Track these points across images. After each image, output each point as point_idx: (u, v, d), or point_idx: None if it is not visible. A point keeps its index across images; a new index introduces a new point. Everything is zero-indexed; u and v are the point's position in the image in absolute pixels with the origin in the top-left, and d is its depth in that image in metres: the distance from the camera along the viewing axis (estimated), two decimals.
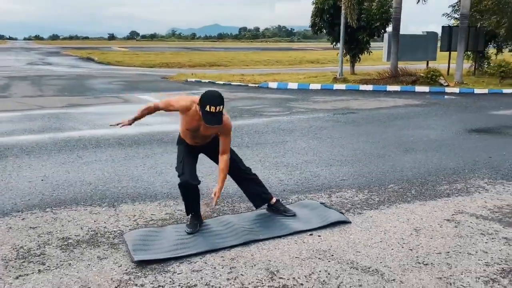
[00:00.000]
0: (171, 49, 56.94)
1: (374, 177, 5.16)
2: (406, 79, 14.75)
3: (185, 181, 3.53)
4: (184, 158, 3.63)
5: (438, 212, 4.07)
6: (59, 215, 4.01)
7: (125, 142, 6.91)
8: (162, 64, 30.70)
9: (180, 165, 3.62)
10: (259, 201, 3.95)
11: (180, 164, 3.62)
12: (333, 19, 20.13)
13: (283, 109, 10.38)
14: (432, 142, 6.97)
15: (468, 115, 9.71)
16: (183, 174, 3.56)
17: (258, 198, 3.93)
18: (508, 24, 16.76)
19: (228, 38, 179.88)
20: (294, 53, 47.97)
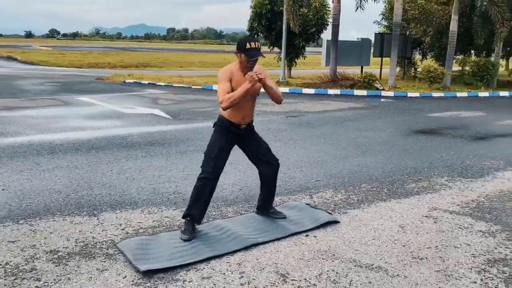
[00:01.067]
0: (97, 48, 54.67)
1: (345, 177, 5.38)
2: (345, 83, 15.43)
3: (210, 178, 3.54)
4: (218, 153, 3.56)
5: (415, 209, 4.34)
6: (37, 227, 3.75)
7: (82, 147, 6.57)
8: (91, 64, 29.47)
9: (212, 160, 3.55)
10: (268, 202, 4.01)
11: (212, 160, 3.55)
12: (270, 24, 20.55)
13: None
14: (386, 143, 7.38)
15: (409, 117, 10.38)
16: (212, 171, 3.53)
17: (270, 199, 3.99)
18: (433, 33, 18.12)
19: (156, 38, 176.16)
20: (228, 56, 48.10)
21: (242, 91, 3.42)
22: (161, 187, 4.85)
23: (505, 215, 4.23)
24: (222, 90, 3.48)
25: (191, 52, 55.83)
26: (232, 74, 3.51)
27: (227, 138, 3.65)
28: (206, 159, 3.61)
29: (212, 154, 3.58)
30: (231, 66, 3.57)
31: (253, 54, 3.44)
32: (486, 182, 5.28)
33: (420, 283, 2.97)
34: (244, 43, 3.45)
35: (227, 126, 3.64)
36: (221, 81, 3.50)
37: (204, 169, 3.59)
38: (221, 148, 3.60)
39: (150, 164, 5.74)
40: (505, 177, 5.50)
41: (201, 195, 3.59)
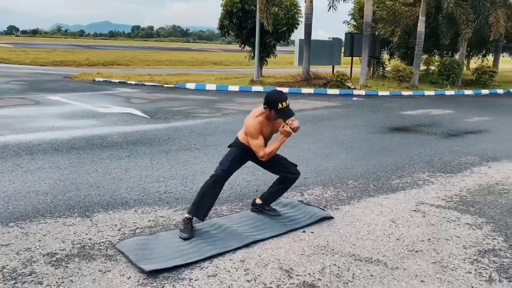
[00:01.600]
0: (61, 46, 53.09)
1: (331, 174, 5.48)
2: (317, 82, 15.65)
3: (223, 176, 3.64)
4: (234, 159, 3.72)
5: (403, 204, 4.48)
6: (29, 229, 3.65)
7: (61, 148, 6.40)
8: (56, 62, 28.63)
9: (229, 162, 3.69)
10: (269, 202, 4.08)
11: (230, 162, 3.69)
12: (241, 22, 20.57)
13: (212, 111, 10.40)
14: (365, 140, 7.56)
15: (382, 115, 10.65)
16: (226, 170, 3.65)
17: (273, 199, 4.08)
18: (400, 33, 18.62)
19: (121, 36, 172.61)
20: (195, 54, 47.82)
21: (279, 144, 3.68)
22: (151, 187, 4.81)
23: (488, 208, 4.43)
24: (259, 145, 3.64)
25: (158, 50, 55.05)
26: (261, 125, 3.66)
27: (242, 153, 3.81)
28: (223, 161, 3.74)
29: (231, 157, 3.74)
30: (258, 119, 3.64)
31: (285, 115, 3.55)
32: (465, 177, 5.50)
33: (419, 274, 3.08)
34: (276, 103, 3.49)
35: (241, 144, 3.81)
36: (254, 137, 3.64)
37: (220, 167, 3.69)
38: (240, 155, 3.79)
39: (136, 164, 5.66)
40: (482, 172, 5.75)
41: (211, 191, 3.64)
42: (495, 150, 7.04)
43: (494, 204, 4.57)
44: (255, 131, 3.60)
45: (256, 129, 3.60)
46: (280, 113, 3.52)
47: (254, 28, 19.49)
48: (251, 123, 3.61)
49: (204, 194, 3.64)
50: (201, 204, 3.65)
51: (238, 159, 3.80)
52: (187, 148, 6.63)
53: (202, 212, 3.67)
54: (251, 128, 3.60)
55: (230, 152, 3.81)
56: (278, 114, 3.53)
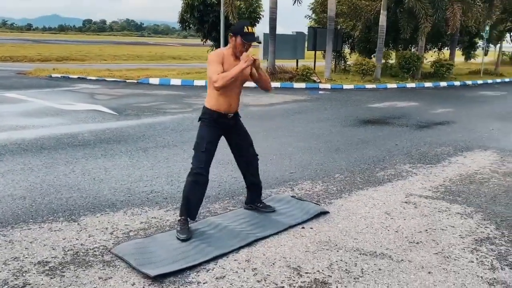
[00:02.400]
0: (8, 41, 50.51)
1: (316, 168, 5.47)
2: (284, 76, 15.67)
3: (201, 173, 3.44)
4: (207, 147, 3.47)
5: (393, 196, 4.53)
6: (12, 237, 3.39)
7: (30, 148, 6.04)
8: (4, 57, 27.20)
9: (202, 155, 3.45)
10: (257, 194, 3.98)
11: (203, 154, 3.45)
12: (202, 16, 20.28)
13: (182, 106, 10.17)
14: (341, 134, 7.61)
15: (352, 108, 10.80)
16: (203, 165, 3.44)
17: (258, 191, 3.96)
18: (361, 27, 18.96)
19: (71, 30, 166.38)
20: (153, 48, 46.83)
21: (238, 70, 3.37)
22: (136, 187, 4.61)
23: (473, 197, 4.56)
24: (215, 71, 3.37)
25: (114, 44, 53.44)
26: (224, 57, 3.45)
27: (215, 130, 3.60)
28: (197, 154, 3.51)
29: (202, 148, 3.50)
30: (222, 50, 3.51)
31: (250, 38, 3.42)
32: (445, 167, 5.64)
33: (425, 266, 3.11)
34: (242, 27, 3.43)
35: (215, 118, 3.57)
36: (213, 63, 3.39)
37: (196, 164, 3.48)
38: (210, 141, 3.54)
39: (114, 163, 5.42)
40: (459, 162, 5.92)
41: (195, 190, 3.49)
42: (466, 140, 7.28)
43: (478, 193, 4.70)
44: (216, 59, 3.38)
45: (218, 58, 3.39)
46: (246, 36, 3.39)
47: (216, 22, 19.27)
48: (212, 52, 3.46)
49: (189, 193, 3.48)
50: (188, 204, 3.50)
51: (211, 141, 3.54)
52: (165, 145, 6.43)
53: (193, 212, 3.55)
54: (211, 56, 3.41)
55: (200, 135, 3.54)
56: (244, 38, 3.39)
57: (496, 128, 8.54)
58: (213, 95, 3.52)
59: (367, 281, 2.89)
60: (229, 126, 3.66)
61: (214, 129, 3.58)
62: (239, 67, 3.37)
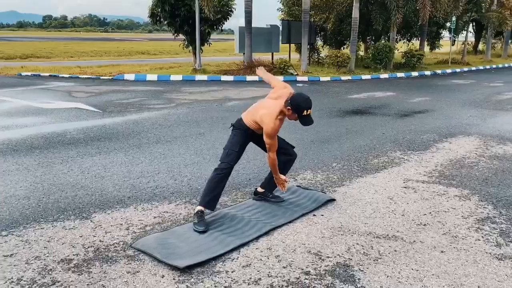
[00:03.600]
0: None
1: (314, 158, 5.60)
2: None
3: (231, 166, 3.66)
4: (239, 150, 3.72)
5: (391, 182, 4.71)
6: (27, 237, 3.36)
7: (20, 148, 5.92)
8: None
9: (235, 154, 3.68)
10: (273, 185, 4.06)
11: (236, 153, 3.69)
12: (174, 10, 20.07)
13: (164, 101, 10.11)
14: (329, 125, 7.78)
15: (333, 99, 11.00)
16: (232, 162, 3.65)
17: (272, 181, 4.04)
18: (334, 20, 19.23)
19: (31, 27, 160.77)
20: (120, 44, 45.88)
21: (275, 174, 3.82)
22: (139, 183, 4.61)
23: (467, 180, 4.79)
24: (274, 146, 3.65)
25: (79, 41, 52.06)
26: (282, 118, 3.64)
27: (246, 140, 3.83)
28: (229, 153, 3.70)
29: (236, 148, 3.71)
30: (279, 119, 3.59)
31: (307, 122, 3.62)
32: (434, 153, 5.88)
33: (437, 245, 3.28)
34: (302, 108, 3.54)
35: (249, 132, 3.79)
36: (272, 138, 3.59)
37: (227, 160, 3.66)
38: (244, 141, 3.80)
39: (111, 160, 5.38)
40: (446, 148, 6.18)
41: (220, 184, 3.62)
42: (448, 127, 7.58)
43: (470, 176, 4.94)
44: (274, 132, 3.59)
45: (276, 131, 3.60)
46: (303, 119, 3.59)
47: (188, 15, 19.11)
48: (272, 125, 3.55)
49: (215, 187, 3.61)
50: (212, 196, 3.61)
51: (243, 146, 3.80)
52: (157, 141, 6.41)
53: (213, 203, 3.64)
54: (272, 130, 3.56)
55: (235, 139, 3.74)
56: (301, 120, 3.60)
57: (474, 114, 8.92)
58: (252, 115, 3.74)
59: (386, 262, 3.03)
60: (259, 135, 3.79)
61: (246, 139, 3.83)
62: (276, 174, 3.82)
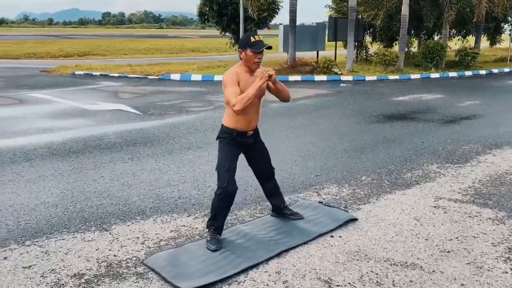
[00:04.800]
0: (30, 37, 51.39)
1: (342, 170, 5.44)
2: (304, 69, 15.55)
3: (229, 191, 3.41)
4: (230, 166, 3.44)
5: (421, 200, 4.47)
6: (48, 248, 3.49)
7: (59, 152, 6.18)
8: (28, 54, 27.68)
9: (226, 174, 3.41)
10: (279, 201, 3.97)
11: (226, 173, 3.42)
12: (221, 9, 20.24)
13: (204, 104, 10.22)
14: (366, 131, 7.54)
15: (376, 102, 10.66)
16: (228, 184, 3.40)
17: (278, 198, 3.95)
18: (383, 16, 18.63)
19: (91, 24, 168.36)
20: (172, 41, 46.99)
21: (255, 89, 3.31)
22: (163, 193, 4.67)
23: (505, 200, 4.46)
24: (232, 93, 3.32)
25: (134, 38, 53.86)
26: (239, 75, 3.38)
27: (235, 149, 3.57)
28: (219, 173, 3.48)
29: (225, 168, 3.47)
30: (235, 68, 3.42)
31: (260, 45, 3.32)
32: (474, 167, 5.54)
33: (458, 277, 3.07)
34: (248, 38, 3.35)
35: (234, 137, 3.53)
36: (228, 85, 3.34)
37: (221, 183, 3.45)
38: (231, 160, 3.52)
39: (142, 167, 5.50)
40: (488, 161, 5.80)
41: (221, 207, 3.51)
42: (494, 136, 7.12)
43: (509, 195, 4.60)
44: (230, 80, 3.32)
45: (232, 79, 3.33)
46: (255, 45, 3.30)
47: (235, 14, 19.23)
48: (226, 73, 3.40)
49: (218, 209, 3.51)
50: (217, 220, 3.53)
51: (233, 160, 3.54)
52: (189, 147, 6.48)
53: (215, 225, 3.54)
54: (226, 77, 3.36)
55: (221, 155, 3.54)
56: (253, 48, 3.30)
57: None
58: (231, 114, 3.46)
59: None
60: (249, 144, 3.63)
61: (234, 148, 3.56)
62: (256, 86, 3.31)
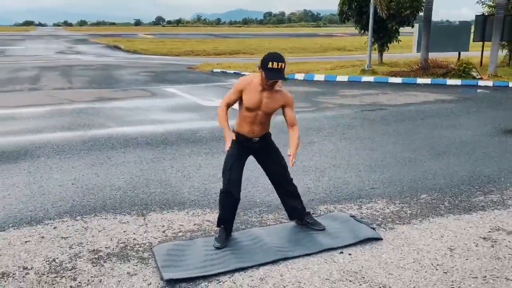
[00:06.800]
0: (196, 36, 56.92)
1: (405, 185, 5.03)
2: (436, 72, 14.33)
3: (229, 191, 3.55)
4: (233, 165, 3.57)
5: (473, 229, 3.93)
6: (89, 224, 4.06)
7: (153, 142, 6.93)
8: (187, 52, 30.73)
9: (228, 173, 3.57)
10: (294, 213, 3.93)
11: (228, 172, 3.58)
12: (361, 7, 19.73)
13: (309, 104, 10.24)
14: (466, 144, 6.74)
15: (502, 112, 9.35)
16: (228, 184, 3.55)
17: (294, 211, 3.91)
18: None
19: (253, 23, 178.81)
20: (320, 40, 47.32)
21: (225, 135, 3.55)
22: (212, 188, 4.95)
23: None
24: (227, 98, 3.53)
25: (285, 37, 55.70)
26: (248, 86, 3.46)
27: (240, 151, 3.64)
28: (223, 172, 3.64)
29: (227, 166, 3.59)
30: (252, 77, 3.51)
31: (271, 76, 3.31)
32: None
33: None
34: (267, 62, 3.31)
35: (239, 140, 3.61)
36: (232, 88, 3.51)
37: (224, 182, 3.61)
38: (236, 159, 3.60)
39: (209, 162, 5.88)
40: None
41: (224, 206, 3.64)
42: None
43: None
44: (237, 86, 3.45)
45: (240, 85, 3.44)
46: (267, 72, 3.29)
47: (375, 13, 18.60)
48: (241, 78, 3.51)
49: (222, 210, 3.64)
50: (222, 220, 3.65)
51: (237, 160, 3.59)
52: None
53: (227, 227, 3.67)
54: (239, 80, 3.50)
55: (227, 156, 3.63)
56: (266, 73, 3.30)
57: None
58: (238, 117, 3.60)
59: None
60: (255, 149, 3.68)
61: (240, 150, 3.64)
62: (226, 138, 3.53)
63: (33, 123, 8.24)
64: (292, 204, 3.88)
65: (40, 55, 26.78)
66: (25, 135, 7.33)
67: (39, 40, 47.10)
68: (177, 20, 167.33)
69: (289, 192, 3.86)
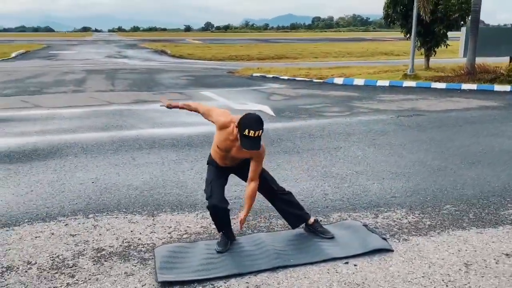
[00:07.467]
0: (242, 41, 57.36)
1: (429, 195, 4.74)
2: (484, 77, 13.60)
3: (213, 205, 3.47)
4: (212, 181, 3.54)
5: (496, 244, 3.62)
6: (99, 222, 4.10)
7: (179, 143, 6.98)
8: (231, 57, 30.98)
9: (208, 188, 3.55)
10: (294, 220, 3.78)
11: (208, 187, 3.55)
12: (407, 11, 19.15)
13: (344, 109, 9.99)
14: (504, 153, 6.30)
15: None
16: (210, 197, 3.49)
17: (293, 217, 3.77)
18: None
19: (301, 28, 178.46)
20: (367, 44, 46.38)
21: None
22: (227, 191, 4.86)
23: None
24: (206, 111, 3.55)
25: (332, 41, 55.08)
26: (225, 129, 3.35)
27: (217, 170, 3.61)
28: (205, 188, 3.61)
29: (209, 180, 3.58)
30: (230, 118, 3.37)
31: (246, 145, 3.15)
32: None
33: None
34: (245, 127, 3.11)
35: (215, 166, 3.61)
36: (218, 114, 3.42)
37: (206, 196, 3.57)
38: (215, 175, 3.57)
39: None
40: None
41: (214, 219, 3.59)
42: None
43: None
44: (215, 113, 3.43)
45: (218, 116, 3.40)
46: (243, 139, 3.13)
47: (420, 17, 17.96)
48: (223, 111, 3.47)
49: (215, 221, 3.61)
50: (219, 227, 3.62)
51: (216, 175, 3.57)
52: (288, 151, 6.52)
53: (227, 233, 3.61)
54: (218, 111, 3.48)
55: (207, 175, 3.65)
56: (241, 140, 3.16)
57: None
58: (213, 143, 3.57)
59: None
60: (233, 169, 3.65)
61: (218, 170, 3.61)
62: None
63: (69, 123, 8.55)
64: (289, 211, 3.74)
65: (90, 58, 27.95)
66: (59, 134, 7.61)
67: (92, 45, 49.22)
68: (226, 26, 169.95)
69: (283, 200, 3.72)
